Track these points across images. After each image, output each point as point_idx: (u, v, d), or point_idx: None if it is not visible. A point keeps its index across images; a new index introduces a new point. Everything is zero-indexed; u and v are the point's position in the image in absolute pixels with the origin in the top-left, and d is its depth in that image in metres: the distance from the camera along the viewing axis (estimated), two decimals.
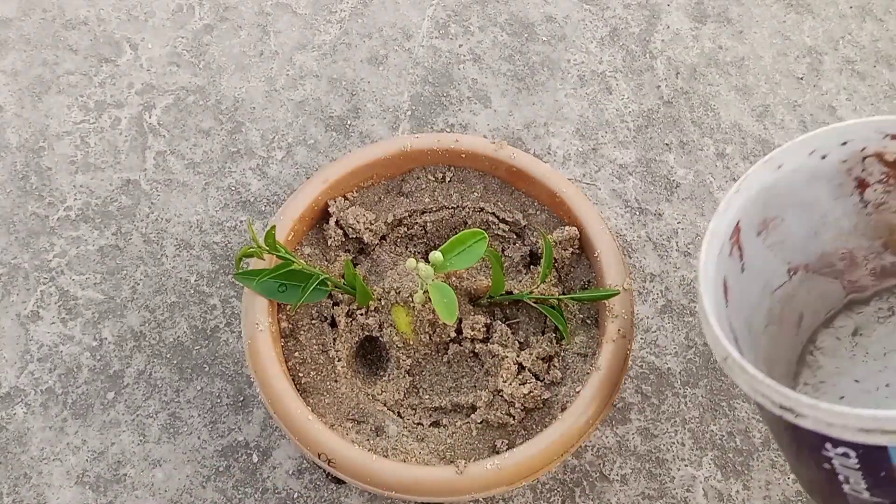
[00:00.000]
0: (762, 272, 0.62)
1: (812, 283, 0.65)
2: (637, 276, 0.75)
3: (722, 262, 0.57)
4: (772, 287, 0.63)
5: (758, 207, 0.59)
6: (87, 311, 0.71)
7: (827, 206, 0.61)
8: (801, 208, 0.61)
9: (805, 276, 0.64)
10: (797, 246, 0.63)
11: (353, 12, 0.87)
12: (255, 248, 0.60)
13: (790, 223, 0.61)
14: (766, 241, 0.61)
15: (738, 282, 0.59)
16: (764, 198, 0.59)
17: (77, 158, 0.78)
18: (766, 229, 0.60)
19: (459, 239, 0.59)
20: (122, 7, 0.86)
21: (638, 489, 0.67)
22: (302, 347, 0.63)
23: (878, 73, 0.87)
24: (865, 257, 0.64)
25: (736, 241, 0.58)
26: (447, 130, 0.81)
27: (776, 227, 0.61)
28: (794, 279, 0.64)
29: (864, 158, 0.58)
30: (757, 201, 0.58)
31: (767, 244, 0.61)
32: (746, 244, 0.59)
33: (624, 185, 0.79)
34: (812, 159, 0.58)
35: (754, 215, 0.59)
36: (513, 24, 0.87)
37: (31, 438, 0.66)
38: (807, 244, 0.63)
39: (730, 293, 0.58)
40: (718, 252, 0.56)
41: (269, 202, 0.77)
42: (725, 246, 0.57)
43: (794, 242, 0.62)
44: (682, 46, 0.87)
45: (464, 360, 0.65)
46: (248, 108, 0.81)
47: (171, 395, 0.68)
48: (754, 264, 0.60)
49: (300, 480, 0.66)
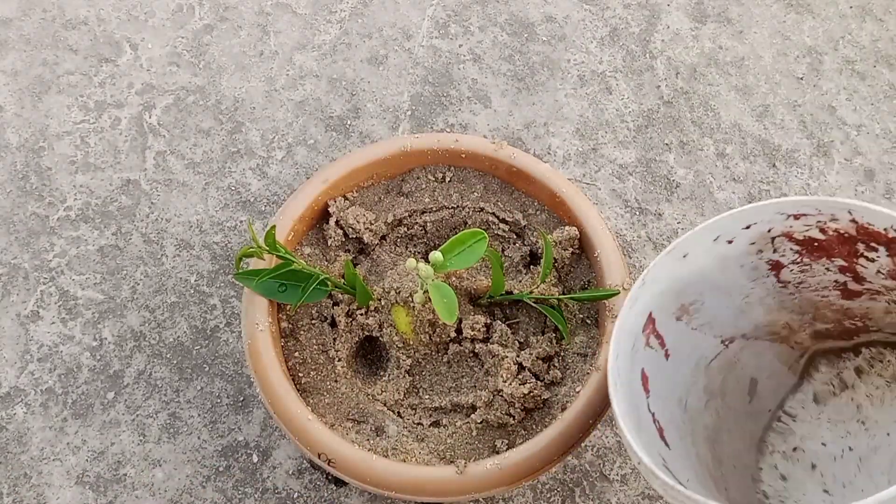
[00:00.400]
0: (692, 353, 0.60)
1: (756, 348, 0.63)
2: (637, 276, 0.75)
3: (637, 356, 0.55)
4: (706, 361, 0.61)
5: (670, 297, 0.57)
6: (87, 311, 0.71)
7: (746, 288, 0.59)
8: (720, 291, 0.59)
9: (745, 343, 0.62)
10: (727, 322, 0.61)
11: (353, 12, 0.87)
12: (255, 248, 0.60)
13: (712, 305, 0.59)
14: (689, 324, 0.59)
15: (662, 370, 0.57)
16: (676, 287, 0.57)
17: (77, 158, 0.78)
18: (687, 314, 0.58)
19: (459, 239, 0.59)
20: (122, 7, 0.86)
21: (638, 489, 0.67)
22: (302, 347, 0.63)
23: (878, 73, 0.87)
24: (801, 325, 0.63)
25: (652, 332, 0.56)
26: (447, 130, 0.81)
27: (698, 311, 0.59)
28: (733, 347, 0.62)
29: (773, 239, 0.56)
30: (668, 292, 0.57)
31: (692, 327, 0.59)
32: (666, 332, 0.57)
33: (624, 185, 0.79)
34: (718, 245, 0.56)
35: (669, 304, 0.57)
36: (513, 24, 0.87)
37: (31, 438, 0.66)
38: (737, 321, 0.61)
39: (651, 383, 0.56)
40: (631, 348, 0.55)
41: (269, 202, 0.77)
42: (639, 340, 0.55)
43: (723, 321, 0.60)
44: (682, 46, 0.87)
45: (464, 360, 0.65)
46: (248, 108, 0.81)
47: (171, 395, 0.68)
48: (680, 348, 0.58)
49: (300, 480, 0.66)
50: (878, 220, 0.52)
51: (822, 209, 0.53)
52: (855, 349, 0.63)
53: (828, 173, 0.81)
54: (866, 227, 0.53)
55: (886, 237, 0.52)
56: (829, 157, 0.82)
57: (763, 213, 0.55)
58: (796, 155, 0.82)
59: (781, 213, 0.55)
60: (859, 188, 0.80)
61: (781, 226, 0.55)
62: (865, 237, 0.53)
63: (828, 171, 0.81)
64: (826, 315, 0.61)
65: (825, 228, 0.54)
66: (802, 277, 0.59)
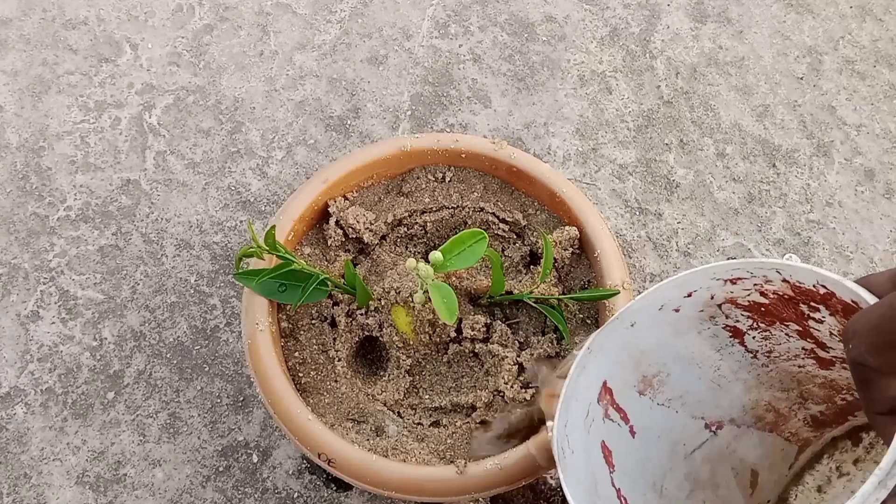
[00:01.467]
0: (664, 434, 0.56)
1: (750, 437, 0.58)
2: (637, 276, 0.75)
3: (594, 427, 0.52)
4: (688, 449, 0.57)
5: (627, 366, 0.53)
6: (87, 311, 0.71)
7: (714, 358, 0.55)
8: (686, 362, 0.55)
9: (738, 431, 0.58)
10: (704, 400, 0.56)
11: (353, 12, 0.87)
12: (255, 248, 0.60)
13: (680, 380, 0.55)
14: (655, 399, 0.55)
15: (629, 447, 0.53)
16: (632, 356, 0.54)
17: (77, 158, 0.78)
18: (651, 387, 0.55)
19: (459, 239, 0.59)
20: (122, 7, 0.86)
21: None
22: (302, 347, 0.63)
23: (878, 73, 0.87)
24: (790, 409, 0.58)
25: (610, 403, 0.53)
26: (447, 130, 0.81)
27: (663, 384, 0.55)
28: (722, 435, 0.58)
29: (720, 305, 0.52)
30: (621, 360, 0.53)
31: (659, 402, 0.55)
32: (628, 406, 0.54)
33: (624, 185, 0.79)
34: (665, 314, 0.52)
35: (627, 374, 0.53)
36: (513, 24, 0.87)
37: (31, 438, 0.66)
38: (716, 398, 0.57)
39: (615, 457, 0.52)
40: (585, 417, 0.51)
41: (269, 202, 0.77)
42: (595, 409, 0.52)
43: (698, 397, 0.56)
44: (682, 46, 0.87)
45: (464, 360, 0.65)
46: (248, 108, 0.81)
47: (171, 395, 0.68)
48: (650, 427, 0.55)
49: (300, 480, 0.66)
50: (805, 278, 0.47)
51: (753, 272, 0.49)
52: (853, 438, 0.59)
53: (828, 173, 0.81)
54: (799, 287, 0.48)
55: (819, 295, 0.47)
56: (829, 157, 0.82)
57: (699, 280, 0.51)
58: (796, 155, 0.82)
59: (716, 278, 0.50)
60: (859, 188, 0.80)
61: (721, 291, 0.51)
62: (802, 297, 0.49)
63: (828, 171, 0.81)
64: (814, 393, 0.57)
65: (764, 291, 0.50)
66: (769, 346, 0.54)
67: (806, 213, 0.79)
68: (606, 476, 0.52)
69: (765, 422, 0.59)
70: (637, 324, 0.52)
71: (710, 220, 0.78)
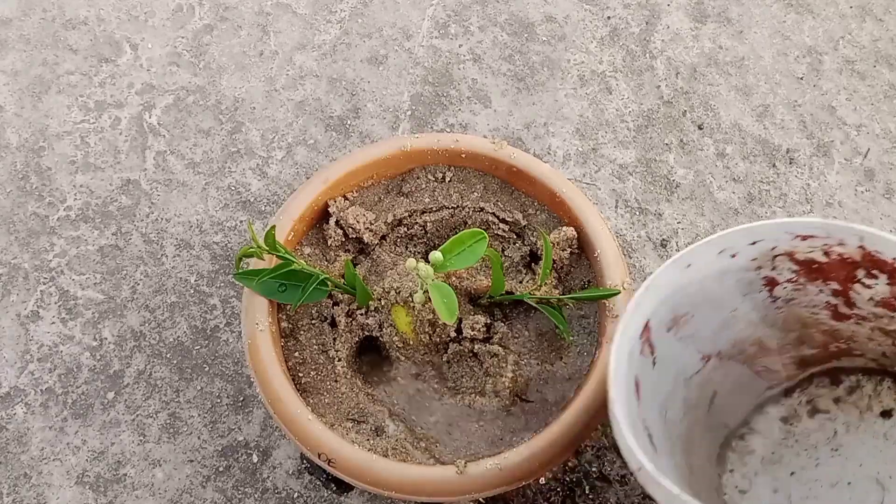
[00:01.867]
0: (674, 363, 0.60)
1: (725, 369, 0.63)
2: (637, 276, 0.75)
3: (633, 362, 0.55)
4: (686, 375, 0.61)
5: (668, 307, 0.57)
6: (87, 311, 0.71)
7: (736, 301, 0.59)
8: (711, 305, 0.59)
9: (718, 364, 0.62)
10: (708, 337, 0.61)
11: (353, 12, 0.87)
12: (255, 248, 0.60)
13: (700, 318, 0.59)
14: (676, 335, 0.59)
15: (650, 377, 0.57)
16: (674, 297, 0.57)
17: (77, 158, 0.78)
18: (677, 325, 0.58)
19: (459, 239, 0.59)
20: (122, 7, 0.86)
21: (638, 489, 0.67)
22: (302, 347, 0.63)
23: (878, 73, 0.87)
24: (781, 347, 0.62)
25: (647, 340, 0.56)
26: (447, 130, 0.81)
27: (686, 323, 0.59)
28: (709, 366, 0.62)
29: (775, 257, 0.57)
30: (667, 301, 0.57)
31: (678, 338, 0.59)
32: (657, 341, 0.57)
33: (624, 185, 0.79)
34: (721, 258, 0.57)
35: (664, 314, 0.57)
36: (513, 24, 0.87)
37: (31, 438, 0.66)
38: (717, 335, 0.61)
39: (641, 390, 0.56)
40: (629, 353, 0.55)
41: (269, 202, 0.77)
42: (636, 346, 0.55)
43: (705, 334, 0.60)
44: (682, 46, 0.87)
45: (464, 360, 0.65)
46: (248, 108, 0.81)
47: (171, 395, 0.68)
48: (665, 357, 0.59)
49: (300, 480, 0.66)
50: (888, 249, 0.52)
51: (831, 233, 0.53)
52: (834, 378, 0.63)
53: (828, 173, 0.81)
54: (873, 255, 0.52)
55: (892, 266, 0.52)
56: (829, 157, 0.82)
57: (771, 231, 0.55)
58: (796, 155, 0.82)
59: (790, 232, 0.55)
60: (859, 188, 0.80)
61: (787, 245, 0.55)
62: (869, 264, 0.53)
63: (828, 171, 0.81)
64: (814, 337, 0.61)
65: (829, 252, 0.54)
66: (795, 295, 0.59)
67: (806, 213, 0.79)
68: (636, 408, 0.55)
69: (746, 354, 0.62)
70: (692, 265, 0.56)
71: (710, 220, 0.78)
